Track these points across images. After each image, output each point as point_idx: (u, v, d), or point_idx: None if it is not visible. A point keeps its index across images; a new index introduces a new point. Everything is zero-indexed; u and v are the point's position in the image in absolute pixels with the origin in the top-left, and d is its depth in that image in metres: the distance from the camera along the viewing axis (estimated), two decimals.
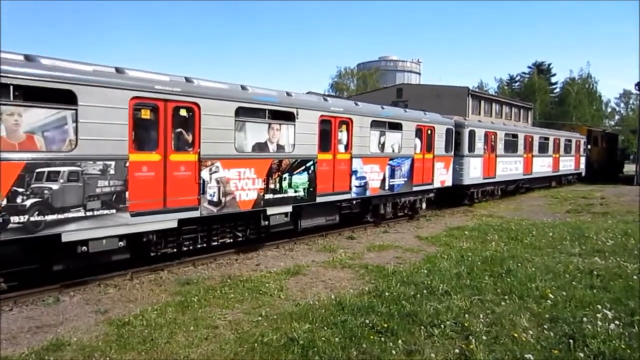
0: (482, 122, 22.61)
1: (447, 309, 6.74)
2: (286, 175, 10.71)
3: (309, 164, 11.29)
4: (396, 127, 14.34)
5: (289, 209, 10.92)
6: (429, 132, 15.89)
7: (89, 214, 7.35)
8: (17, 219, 6.62)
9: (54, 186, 6.93)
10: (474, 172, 19.19)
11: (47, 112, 6.92)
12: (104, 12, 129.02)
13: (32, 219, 6.75)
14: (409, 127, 14.83)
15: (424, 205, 16.66)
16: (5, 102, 6.46)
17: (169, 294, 7.73)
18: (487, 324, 6.29)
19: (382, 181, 13.83)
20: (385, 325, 6.14)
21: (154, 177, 8.19)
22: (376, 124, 13.47)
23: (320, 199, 11.70)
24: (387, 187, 14.04)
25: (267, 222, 10.55)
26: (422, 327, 6.13)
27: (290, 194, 10.84)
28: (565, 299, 7.26)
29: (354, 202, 13.26)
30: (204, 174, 8.95)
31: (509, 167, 22.38)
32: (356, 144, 12.69)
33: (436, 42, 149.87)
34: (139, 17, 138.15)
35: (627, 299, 7.26)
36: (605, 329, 5.98)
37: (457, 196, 19.31)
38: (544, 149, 26.27)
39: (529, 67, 78.67)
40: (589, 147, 34.87)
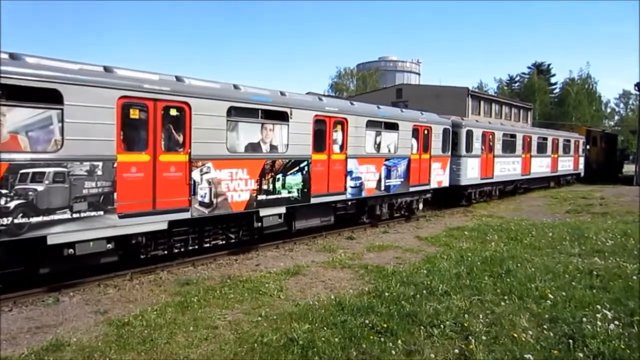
0: (480, 122, 22.51)
1: (446, 309, 6.74)
2: (279, 175, 10.59)
3: (303, 165, 11.16)
4: (392, 127, 14.21)
5: (282, 210, 10.81)
6: (425, 132, 15.77)
7: (76, 216, 7.20)
8: (0, 221, 6.46)
9: (38, 187, 6.79)
10: (471, 172, 19.07)
11: (32, 111, 6.76)
12: (104, 12, 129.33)
13: (15, 221, 6.59)
14: (406, 127, 14.69)
15: (421, 205, 16.56)
16: None
17: (169, 295, 7.73)
18: (486, 324, 6.29)
19: (378, 182, 13.71)
20: (385, 325, 6.14)
21: (143, 178, 8.05)
22: (372, 124, 13.34)
23: (314, 200, 11.59)
24: (383, 188, 13.92)
25: (260, 224, 10.44)
26: (422, 327, 6.12)
27: (283, 195, 10.72)
28: (564, 299, 7.25)
29: (350, 202, 13.14)
30: (195, 174, 8.82)
31: (507, 168, 22.28)
32: (351, 144, 12.57)
33: (436, 43, 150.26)
34: (139, 18, 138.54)
35: (626, 299, 7.25)
36: (604, 329, 5.98)
37: (454, 197, 19.20)
38: (542, 149, 26.20)
39: (529, 68, 79.01)
40: (588, 147, 34.85)
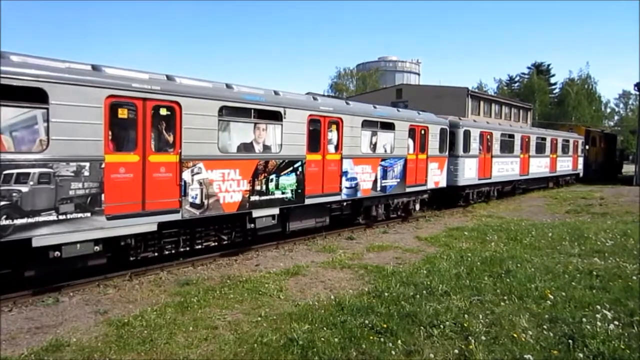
0: (478, 122, 22.35)
1: (446, 309, 6.75)
2: (273, 176, 10.46)
3: (297, 165, 11.03)
4: (389, 127, 14.08)
5: (276, 211, 10.67)
6: (422, 132, 15.62)
7: (62, 218, 7.05)
8: None
9: (23, 188, 6.66)
10: (469, 172, 18.90)
11: (16, 110, 6.62)
12: (104, 12, 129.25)
13: None
14: (402, 127, 14.57)
15: (418, 206, 16.43)
16: None
17: (169, 295, 7.73)
18: (486, 324, 6.28)
19: (374, 182, 13.58)
20: (384, 325, 6.15)
21: (132, 179, 7.91)
22: (368, 124, 13.21)
23: (309, 201, 11.46)
24: (379, 188, 13.79)
25: (253, 225, 10.30)
26: (422, 327, 6.13)
27: (277, 195, 10.59)
28: (564, 300, 7.25)
29: (345, 203, 13.01)
30: (186, 175, 8.69)
31: (505, 168, 22.14)
32: (347, 144, 12.45)
33: (436, 43, 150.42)
34: (139, 18, 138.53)
35: (626, 299, 7.24)
36: (604, 329, 5.97)
37: (452, 197, 19.03)
38: (541, 149, 26.09)
39: (528, 68, 78.94)
40: (587, 147, 34.81)
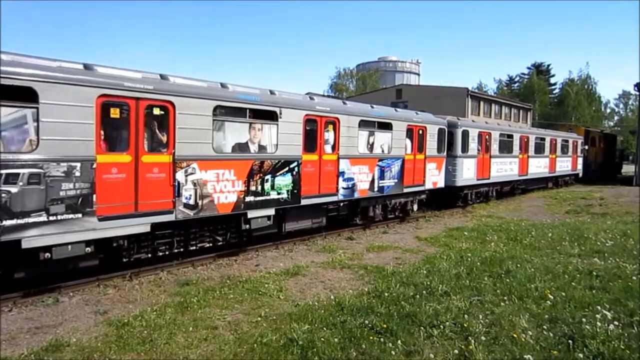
0: (476, 122, 22.21)
1: (446, 309, 6.75)
2: (268, 176, 10.38)
3: (293, 165, 10.94)
4: (386, 127, 14.00)
5: (271, 211, 10.58)
6: (420, 132, 15.52)
7: (52, 219, 6.95)
8: None
9: (12, 189, 6.56)
10: (467, 173, 18.78)
11: (5, 110, 6.54)
12: (104, 12, 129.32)
13: None
14: (400, 127, 14.48)
15: (415, 207, 16.32)
16: None
17: (168, 295, 7.73)
18: (486, 324, 6.29)
19: (371, 182, 13.49)
20: (384, 325, 6.15)
21: (125, 179, 7.82)
22: (365, 124, 13.13)
23: (305, 202, 11.37)
24: (376, 189, 13.71)
25: (248, 226, 10.21)
26: (422, 327, 6.13)
27: (272, 196, 10.51)
28: (564, 300, 7.25)
29: (342, 204, 12.91)
30: (179, 175, 8.61)
31: (504, 168, 22.03)
32: (343, 144, 12.36)
33: (436, 43, 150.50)
34: (139, 18, 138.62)
35: (626, 299, 7.24)
36: (604, 329, 5.97)
37: (450, 198, 18.92)
38: (540, 149, 26.00)
39: (528, 68, 78.88)
40: (587, 147, 34.79)
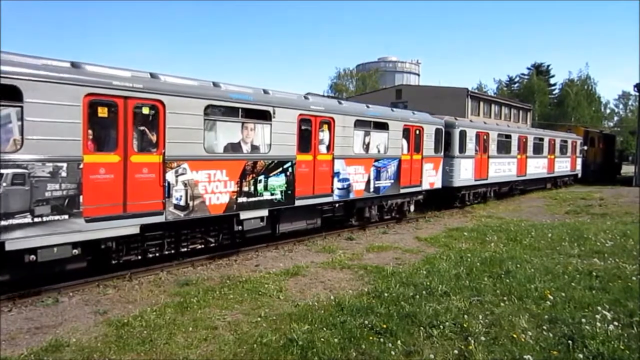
0: (474, 122, 22.00)
1: (446, 309, 6.75)
2: (261, 177, 10.22)
3: (286, 166, 10.78)
4: (382, 126, 13.84)
5: (264, 213, 10.43)
6: (417, 132, 15.37)
7: (37, 220, 6.75)
8: None
9: None
10: (464, 173, 18.62)
11: None
12: (104, 12, 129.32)
13: None
14: (396, 127, 14.32)
15: (412, 207, 16.22)
16: None
17: (168, 295, 7.73)
18: (486, 324, 6.30)
19: (367, 183, 13.34)
20: (384, 326, 6.15)
21: (113, 180, 7.65)
22: (360, 124, 12.98)
23: (299, 202, 11.21)
24: (372, 189, 13.55)
25: (241, 227, 10.05)
26: (421, 327, 6.13)
27: (266, 197, 10.35)
28: (564, 300, 7.27)
29: (337, 205, 12.75)
30: (170, 176, 8.45)
31: (502, 169, 21.83)
32: (339, 144, 12.20)
33: (436, 43, 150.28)
34: (139, 18, 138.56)
35: (626, 300, 7.26)
36: (604, 330, 5.99)
37: (447, 198, 18.77)
38: (538, 150, 25.83)
39: (528, 69, 78.83)
40: (586, 148, 34.76)
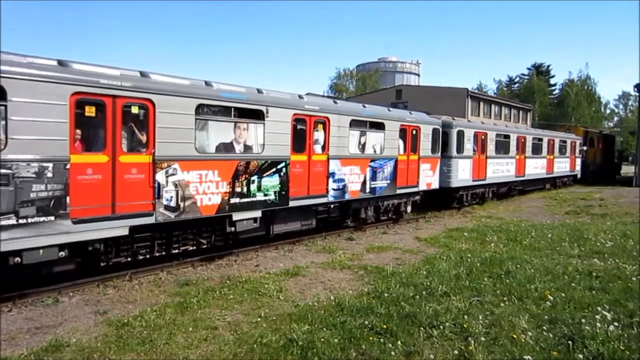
0: (472, 122, 21.89)
1: (446, 310, 6.76)
2: (255, 177, 10.08)
3: (280, 166, 10.65)
4: (378, 126, 13.74)
5: (257, 214, 10.28)
6: (414, 132, 15.22)
7: (22, 222, 6.62)
8: None
9: None
10: (462, 173, 18.48)
11: None
12: (104, 12, 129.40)
13: None
14: (392, 127, 14.21)
15: (409, 208, 16.06)
16: None
17: (168, 295, 7.73)
18: (486, 325, 6.30)
19: (363, 184, 13.22)
20: (384, 326, 6.15)
21: (101, 181, 7.53)
22: (356, 124, 12.87)
23: (293, 203, 11.07)
24: (368, 190, 13.43)
25: (233, 228, 9.91)
26: (422, 328, 6.14)
27: (259, 197, 10.21)
28: (564, 301, 7.27)
29: (332, 205, 12.62)
30: (160, 176, 8.32)
31: (501, 169, 21.68)
32: (334, 144, 12.06)
33: (436, 43, 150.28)
34: (139, 18, 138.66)
35: (626, 300, 7.26)
36: (604, 330, 5.99)
37: (445, 199, 18.65)
38: (537, 150, 25.71)
39: (528, 69, 78.91)
40: (585, 148, 34.73)
